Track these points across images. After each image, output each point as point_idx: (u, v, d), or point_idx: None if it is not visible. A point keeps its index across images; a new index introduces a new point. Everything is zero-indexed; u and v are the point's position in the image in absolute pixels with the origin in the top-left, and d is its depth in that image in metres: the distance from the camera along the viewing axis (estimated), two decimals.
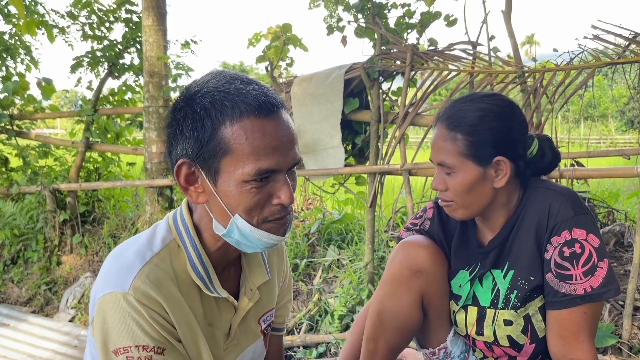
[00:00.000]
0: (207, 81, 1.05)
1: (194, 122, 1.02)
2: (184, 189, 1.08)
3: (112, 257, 1.11)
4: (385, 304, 1.54)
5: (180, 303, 1.09)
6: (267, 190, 1.04)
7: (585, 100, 4.20)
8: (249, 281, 1.24)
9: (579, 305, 1.31)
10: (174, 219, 1.16)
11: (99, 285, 1.07)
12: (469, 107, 1.40)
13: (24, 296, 4.71)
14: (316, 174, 3.73)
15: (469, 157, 1.37)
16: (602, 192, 5.09)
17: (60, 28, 5.44)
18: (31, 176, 5.20)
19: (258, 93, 1.02)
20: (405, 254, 1.52)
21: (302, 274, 3.91)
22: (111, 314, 1.02)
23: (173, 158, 1.07)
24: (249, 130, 0.99)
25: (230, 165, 1.01)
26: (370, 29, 3.67)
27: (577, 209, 1.35)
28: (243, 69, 55.36)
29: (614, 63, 2.58)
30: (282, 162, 1.03)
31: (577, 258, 1.31)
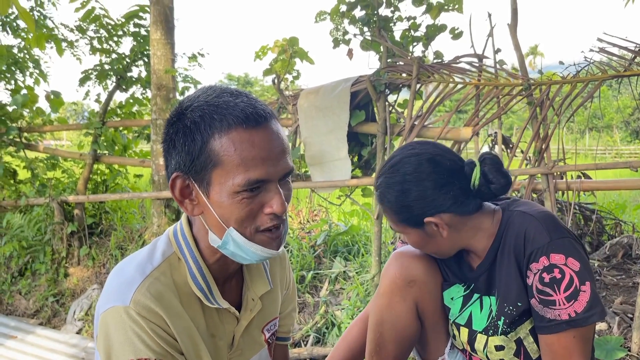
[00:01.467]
0: (197, 96, 1.08)
1: (185, 136, 1.04)
2: (179, 202, 1.10)
3: (113, 273, 1.14)
4: (382, 315, 1.55)
5: (181, 315, 1.10)
6: (258, 200, 1.05)
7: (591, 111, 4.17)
8: (250, 291, 1.26)
9: (566, 330, 1.30)
10: (174, 233, 1.19)
11: (102, 301, 1.09)
12: (386, 182, 1.43)
13: (32, 308, 4.72)
14: (322, 185, 3.74)
15: (403, 224, 1.43)
16: (609, 204, 5.07)
17: (69, 42, 5.50)
18: (39, 188, 5.23)
19: (246, 105, 1.04)
20: (399, 264, 1.53)
21: (309, 286, 3.91)
22: (113, 328, 1.04)
23: (169, 172, 1.10)
24: (237, 141, 1.01)
25: (221, 176, 1.03)
26: (376, 42, 3.70)
27: (552, 233, 1.32)
28: (248, 80, 55.66)
29: (621, 76, 2.59)
30: (272, 172, 1.04)
31: (557, 283, 1.30)
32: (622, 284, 3.13)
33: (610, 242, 3.57)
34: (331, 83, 3.79)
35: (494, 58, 3.25)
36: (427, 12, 3.68)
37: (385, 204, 1.43)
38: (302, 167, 4.03)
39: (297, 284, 3.88)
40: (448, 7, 3.64)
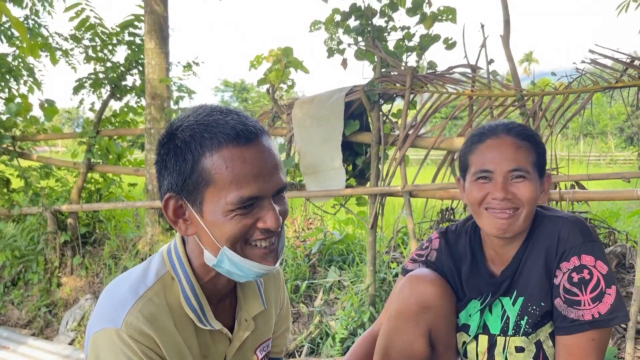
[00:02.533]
0: (187, 116, 1.08)
1: (175, 156, 1.05)
2: (173, 222, 1.10)
3: (106, 293, 1.13)
4: (393, 339, 1.53)
5: (173, 336, 1.09)
6: (252, 217, 1.05)
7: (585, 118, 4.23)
8: (243, 311, 1.25)
9: (586, 331, 1.32)
10: (168, 252, 1.18)
11: (93, 322, 1.08)
12: (525, 126, 1.48)
13: (24, 318, 4.68)
14: (317, 195, 3.74)
15: (536, 168, 1.42)
16: (602, 212, 5.09)
17: (63, 50, 5.49)
18: (32, 197, 5.20)
19: (236, 122, 1.04)
20: (413, 288, 1.51)
21: (303, 295, 3.90)
22: (104, 351, 1.03)
23: (162, 193, 1.10)
24: (229, 159, 1.02)
25: (214, 195, 1.03)
26: (370, 51, 3.71)
27: (585, 235, 1.37)
28: (244, 87, 55.67)
29: (612, 87, 2.61)
30: (264, 189, 1.04)
31: (585, 284, 1.33)
32: None
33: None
34: (325, 93, 3.80)
35: (487, 69, 3.26)
36: (421, 22, 3.70)
37: (531, 141, 1.43)
38: (296, 176, 4.02)
39: (291, 293, 3.87)
40: (442, 17, 3.66)
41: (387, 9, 3.76)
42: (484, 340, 1.51)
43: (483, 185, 1.41)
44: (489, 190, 1.40)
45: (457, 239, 1.61)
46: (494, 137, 1.43)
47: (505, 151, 1.39)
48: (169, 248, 1.19)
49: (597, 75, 2.78)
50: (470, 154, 1.47)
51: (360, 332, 3.30)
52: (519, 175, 1.38)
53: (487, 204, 1.41)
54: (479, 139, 1.46)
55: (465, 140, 1.52)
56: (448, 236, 1.63)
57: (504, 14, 3.02)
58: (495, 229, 1.40)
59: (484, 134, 1.46)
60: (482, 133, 1.47)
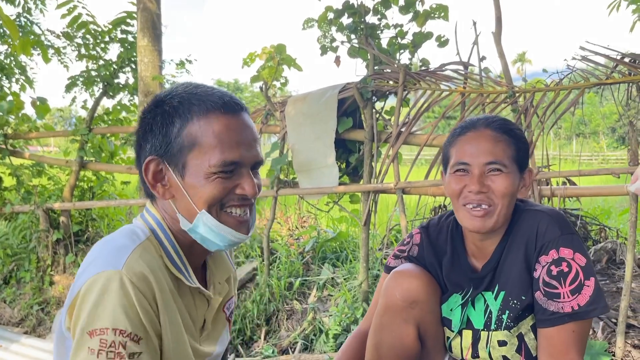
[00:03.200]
0: (175, 87, 1.15)
1: (163, 120, 1.10)
2: (151, 185, 1.13)
3: (101, 242, 1.13)
4: (382, 336, 1.54)
5: (166, 291, 1.09)
6: (231, 182, 1.10)
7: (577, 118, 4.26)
8: (215, 276, 1.29)
9: (567, 323, 1.34)
10: (144, 219, 1.18)
11: (89, 267, 1.05)
12: (506, 120, 1.49)
13: (16, 317, 4.66)
14: (310, 192, 3.75)
15: (515, 161, 1.42)
16: (594, 209, 5.12)
17: (55, 48, 5.46)
18: (24, 195, 5.18)
19: (223, 94, 1.12)
20: (399, 284, 1.52)
21: (297, 292, 3.91)
22: (98, 293, 0.99)
23: (142, 158, 1.13)
24: (215, 124, 1.08)
25: (197, 158, 1.08)
26: (363, 49, 3.72)
27: (563, 228, 1.39)
28: (237, 86, 55.59)
29: (602, 84, 2.63)
30: (245, 156, 1.10)
31: (564, 276, 1.35)
32: (606, 289, 3.16)
33: (594, 248, 3.60)
34: (318, 90, 3.80)
35: (479, 66, 3.28)
36: (414, 20, 3.72)
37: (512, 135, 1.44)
38: (290, 173, 4.03)
39: (285, 290, 3.87)
40: (434, 15, 3.68)
41: (380, 7, 3.78)
42: (468, 336, 1.52)
43: (461, 178, 1.43)
44: (466, 183, 1.41)
45: (439, 233, 1.62)
46: (473, 130, 1.45)
47: (483, 144, 1.41)
48: (143, 216, 1.19)
49: (588, 72, 2.80)
50: (451, 147, 1.49)
51: (354, 328, 3.31)
52: (496, 169, 1.40)
53: (464, 197, 1.42)
54: (459, 132, 1.48)
55: (449, 134, 1.54)
56: (429, 230, 1.64)
57: (496, 12, 3.04)
58: (471, 224, 1.42)
59: (464, 128, 1.48)
60: (463, 126, 1.49)
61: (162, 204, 1.17)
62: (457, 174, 1.44)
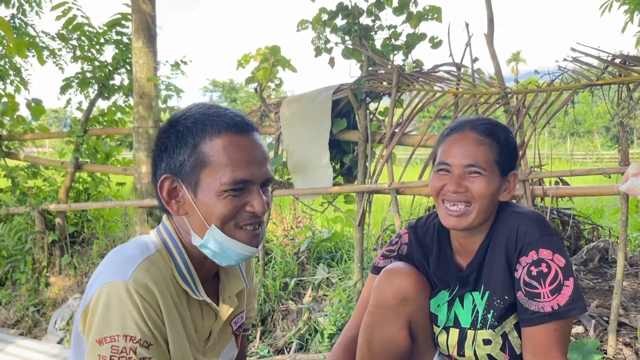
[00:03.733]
0: (189, 109, 1.20)
1: (177, 140, 1.15)
2: (166, 202, 1.19)
3: (113, 252, 1.19)
4: (373, 333, 1.56)
5: (171, 304, 1.15)
6: (241, 200, 1.15)
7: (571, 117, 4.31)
8: (227, 290, 1.33)
9: (547, 323, 1.37)
10: (159, 232, 1.25)
11: (98, 277, 1.12)
12: (494, 123, 1.52)
13: (12, 318, 4.66)
14: (305, 193, 3.76)
15: (497, 165, 1.46)
16: (587, 209, 5.16)
17: (50, 50, 5.46)
18: (20, 197, 5.18)
19: (234, 115, 1.17)
20: (390, 282, 1.55)
21: (292, 292, 3.92)
22: (108, 302, 1.06)
23: (157, 176, 1.19)
24: (227, 144, 1.13)
25: (209, 176, 1.13)
26: (357, 50, 3.74)
27: (543, 230, 1.43)
28: (233, 86, 55.51)
29: (593, 85, 2.66)
30: (255, 175, 1.15)
31: (544, 277, 1.38)
32: (598, 288, 3.19)
33: (587, 247, 3.64)
34: (313, 91, 3.82)
35: (472, 67, 3.31)
36: (407, 21, 3.74)
37: (496, 138, 1.47)
38: (284, 174, 4.05)
39: (280, 290, 3.89)
40: (427, 16, 3.70)
41: (374, 8, 3.80)
42: (455, 334, 1.55)
43: (442, 177, 1.47)
44: (445, 182, 1.46)
45: (426, 232, 1.66)
46: (459, 132, 1.49)
47: (466, 146, 1.45)
48: (158, 229, 1.26)
49: (579, 73, 2.83)
50: (439, 146, 1.54)
51: None
52: (475, 171, 1.43)
53: (443, 195, 1.47)
54: (447, 133, 1.53)
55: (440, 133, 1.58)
56: (417, 230, 1.68)
57: (488, 13, 3.07)
58: (447, 222, 1.47)
59: (452, 129, 1.52)
60: (451, 127, 1.53)
61: (176, 219, 1.23)
62: (440, 173, 1.48)
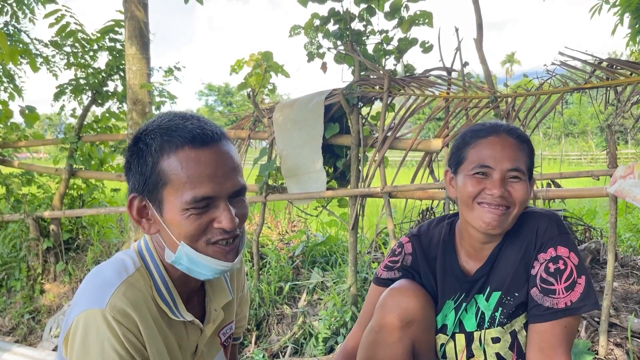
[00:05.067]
0: (153, 121, 1.16)
1: (138, 159, 1.13)
2: (137, 221, 1.17)
3: (91, 275, 1.17)
4: (375, 351, 1.55)
5: (151, 325, 1.13)
6: (208, 216, 1.11)
7: (565, 118, 4.34)
8: (213, 302, 1.31)
9: (560, 319, 1.40)
10: (139, 249, 1.23)
11: (77, 303, 1.11)
12: (520, 129, 1.53)
13: (7, 325, 4.66)
14: (299, 197, 3.78)
15: (528, 170, 1.49)
16: (579, 210, 5.20)
17: (44, 57, 5.47)
18: (14, 204, 5.18)
19: (194, 127, 1.11)
20: (396, 303, 1.52)
21: (287, 297, 3.94)
22: (85, 331, 1.05)
23: (128, 194, 1.18)
24: (184, 160, 1.08)
25: (171, 194, 1.09)
26: (349, 55, 3.77)
27: (561, 228, 1.47)
28: (228, 90, 55.49)
29: (581, 88, 2.70)
30: (218, 190, 1.10)
31: (560, 274, 1.42)
32: None
33: (579, 248, 3.67)
34: (306, 96, 3.85)
35: (462, 71, 3.34)
36: (399, 26, 3.77)
37: (527, 144, 1.50)
38: (278, 179, 4.07)
39: (275, 295, 3.91)
40: (419, 21, 3.73)
41: (366, 13, 3.83)
42: (461, 339, 1.56)
43: (480, 181, 1.45)
44: (485, 186, 1.44)
45: (430, 241, 1.65)
46: (496, 135, 1.47)
47: (507, 150, 1.44)
48: (139, 245, 1.24)
49: (567, 77, 2.86)
50: (468, 148, 1.50)
51: (343, 332, 3.35)
52: (516, 176, 1.44)
53: (481, 198, 1.45)
54: (479, 135, 1.49)
55: (462, 134, 1.56)
56: (421, 239, 1.66)
57: (477, 18, 3.10)
58: (485, 223, 1.44)
59: (485, 130, 1.50)
60: (482, 129, 1.51)
61: (153, 236, 1.22)
62: (477, 176, 1.46)
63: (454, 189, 1.54)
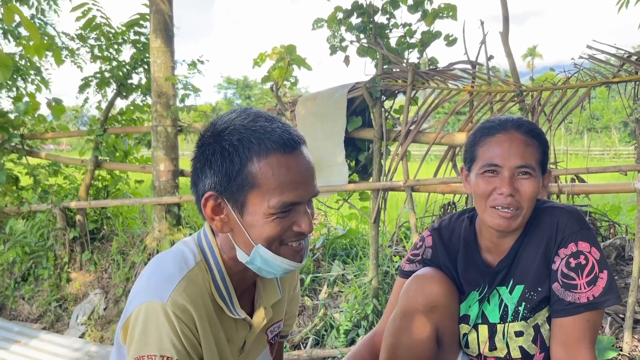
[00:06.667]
0: (233, 119, 1.14)
1: (222, 158, 1.11)
2: (210, 219, 1.16)
3: (152, 266, 1.20)
4: (400, 338, 1.58)
5: (207, 320, 1.16)
6: (289, 220, 1.13)
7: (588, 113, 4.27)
8: (263, 300, 1.32)
9: (582, 313, 1.41)
10: (199, 241, 1.24)
11: (139, 293, 1.13)
12: (534, 123, 1.52)
13: (35, 313, 4.78)
14: (321, 190, 3.78)
15: (540, 165, 1.47)
16: (604, 205, 5.13)
17: (69, 50, 5.56)
18: (41, 194, 5.29)
19: (282, 131, 1.11)
20: (420, 289, 1.55)
21: (308, 289, 3.97)
22: (146, 322, 1.09)
23: (199, 190, 1.16)
24: (275, 166, 1.09)
25: (257, 198, 1.10)
26: (372, 48, 3.76)
27: (581, 224, 1.47)
28: (247, 84, 55.69)
29: (609, 82, 2.66)
30: (303, 195, 1.13)
31: (581, 269, 1.42)
32: None
33: (603, 244, 3.62)
34: (328, 90, 3.86)
35: (487, 65, 3.31)
36: (422, 19, 3.75)
37: (538, 138, 1.49)
38: None
39: None
40: (443, 14, 3.71)
41: (389, 6, 3.81)
42: (484, 330, 1.57)
43: (490, 179, 1.46)
44: (496, 185, 1.45)
45: (451, 234, 1.67)
46: (503, 132, 1.47)
47: (515, 147, 1.44)
48: (199, 238, 1.25)
49: (595, 70, 2.83)
50: (478, 146, 1.51)
51: (364, 324, 3.37)
52: (525, 172, 1.44)
53: (493, 199, 1.46)
54: (488, 133, 1.50)
55: (473, 132, 1.56)
56: (441, 232, 1.68)
57: (503, 11, 3.07)
58: (496, 225, 1.46)
59: (493, 128, 1.50)
60: (491, 127, 1.51)
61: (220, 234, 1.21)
62: (487, 175, 1.47)
63: (469, 185, 1.56)
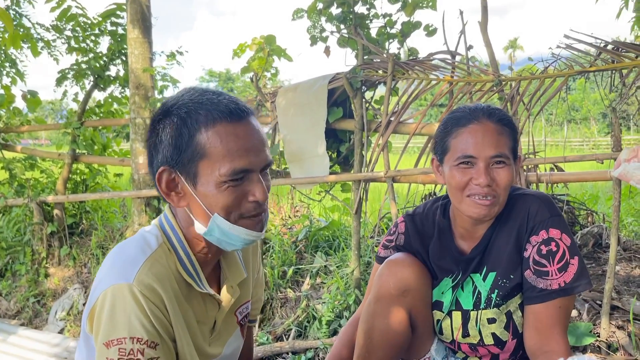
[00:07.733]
0: (181, 95, 1.16)
1: (172, 131, 1.12)
2: (165, 194, 1.17)
3: (114, 252, 1.19)
4: (374, 323, 1.59)
5: (176, 300, 1.16)
6: (242, 189, 1.13)
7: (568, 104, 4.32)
8: (228, 279, 1.34)
9: (554, 300, 1.42)
10: (161, 224, 1.24)
11: (103, 278, 1.12)
12: (503, 111, 1.52)
13: (13, 309, 4.70)
14: (302, 182, 3.79)
15: (512, 153, 1.48)
16: (582, 194, 5.21)
17: (45, 41, 5.44)
18: (17, 189, 5.20)
19: (229, 102, 1.13)
20: (392, 273, 1.57)
21: (290, 281, 3.96)
22: (113, 305, 1.07)
23: (154, 167, 1.17)
24: (223, 134, 1.10)
25: (207, 167, 1.11)
26: (352, 39, 3.75)
27: (552, 210, 1.47)
28: (229, 76, 55.29)
29: (586, 71, 2.68)
30: (254, 162, 1.13)
31: (553, 255, 1.43)
32: (592, 272, 3.23)
33: (581, 232, 3.67)
34: (309, 80, 3.83)
35: (466, 55, 3.32)
36: (402, 10, 3.74)
37: (509, 126, 1.49)
38: (281, 163, 4.07)
39: (278, 279, 3.93)
40: (422, 4, 3.70)
41: None
42: (458, 317, 1.58)
43: (465, 170, 1.45)
44: (471, 176, 1.44)
45: (425, 220, 1.68)
46: (476, 122, 1.46)
47: (489, 137, 1.44)
48: (160, 221, 1.25)
49: (572, 60, 2.85)
50: (450, 137, 1.49)
51: (346, 314, 3.37)
52: (500, 161, 1.44)
53: (469, 190, 1.46)
54: (459, 123, 1.48)
55: (444, 122, 1.54)
56: (415, 219, 1.69)
57: (482, 1, 3.07)
58: (476, 214, 1.47)
59: (464, 118, 1.48)
60: (462, 116, 1.49)
61: (178, 210, 1.22)
62: (461, 167, 1.46)
63: (442, 176, 1.55)
